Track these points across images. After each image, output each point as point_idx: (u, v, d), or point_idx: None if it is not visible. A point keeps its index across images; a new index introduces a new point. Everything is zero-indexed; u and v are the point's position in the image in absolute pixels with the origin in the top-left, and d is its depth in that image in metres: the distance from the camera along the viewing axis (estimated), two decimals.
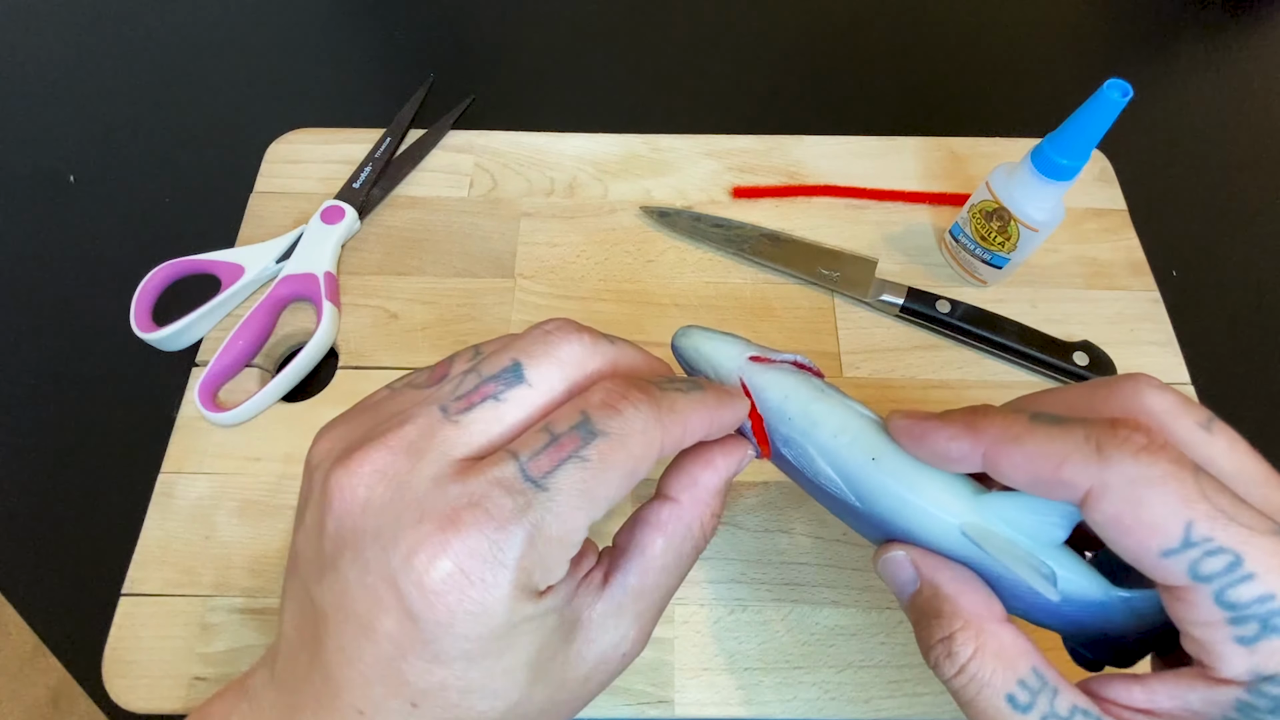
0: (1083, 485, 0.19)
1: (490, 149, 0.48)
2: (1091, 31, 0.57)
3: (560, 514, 0.19)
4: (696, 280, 0.43)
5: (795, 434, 0.24)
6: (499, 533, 0.18)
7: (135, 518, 0.36)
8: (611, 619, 0.22)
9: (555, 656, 0.21)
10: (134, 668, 0.33)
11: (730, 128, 0.49)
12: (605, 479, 0.19)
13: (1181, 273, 0.45)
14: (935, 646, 0.21)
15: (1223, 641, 0.18)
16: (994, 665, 0.20)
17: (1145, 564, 0.18)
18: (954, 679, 0.21)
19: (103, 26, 0.56)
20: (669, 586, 0.23)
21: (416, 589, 0.18)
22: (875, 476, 0.23)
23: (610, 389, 0.20)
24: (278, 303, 0.41)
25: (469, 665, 0.19)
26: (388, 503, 0.19)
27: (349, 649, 0.19)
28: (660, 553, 0.23)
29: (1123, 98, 0.32)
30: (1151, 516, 0.18)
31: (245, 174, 0.47)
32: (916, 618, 0.23)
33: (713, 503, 0.24)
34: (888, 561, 0.23)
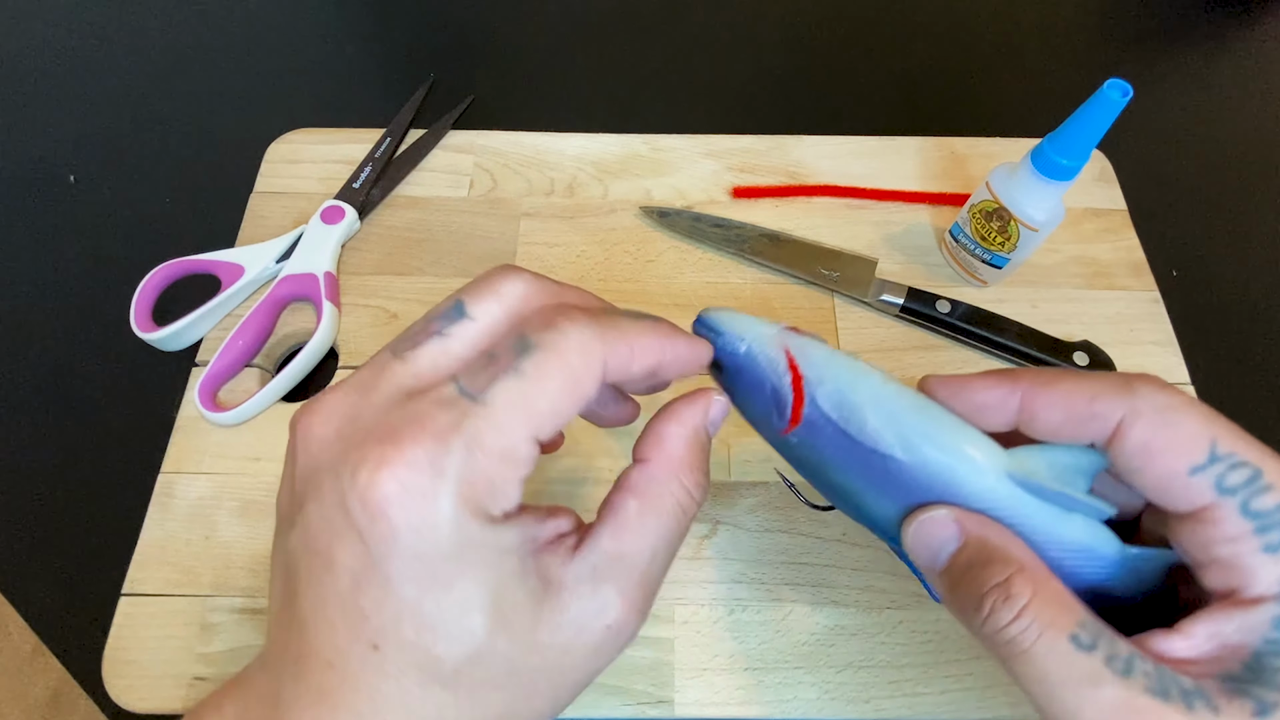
0: (1114, 415, 0.20)
1: (490, 149, 0.48)
2: (1091, 31, 0.57)
3: (498, 424, 0.19)
4: (696, 280, 0.43)
5: (843, 385, 0.24)
6: (436, 443, 0.18)
7: (135, 518, 0.36)
8: (587, 584, 0.21)
9: (520, 608, 0.20)
10: (134, 668, 0.33)
11: (730, 128, 0.49)
12: (542, 389, 0.19)
13: (1181, 273, 0.45)
14: (990, 593, 0.20)
15: (1251, 553, 0.19)
16: (1052, 608, 0.20)
17: (1174, 487, 0.20)
18: (1011, 625, 0.20)
19: (103, 26, 0.56)
20: (653, 552, 0.22)
21: (361, 506, 0.18)
22: (928, 423, 0.23)
23: (548, 309, 0.21)
24: (278, 303, 0.41)
25: (420, 591, 0.18)
26: (341, 435, 0.20)
27: (315, 590, 0.19)
28: (635, 514, 0.22)
29: (1123, 98, 0.32)
30: (1180, 436, 0.20)
31: (245, 174, 0.47)
32: (958, 576, 0.21)
33: (686, 457, 0.23)
34: (926, 522, 0.22)
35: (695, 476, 0.23)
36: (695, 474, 0.23)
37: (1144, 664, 0.19)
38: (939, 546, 0.22)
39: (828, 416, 0.24)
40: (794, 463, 0.27)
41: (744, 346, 0.26)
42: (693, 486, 0.23)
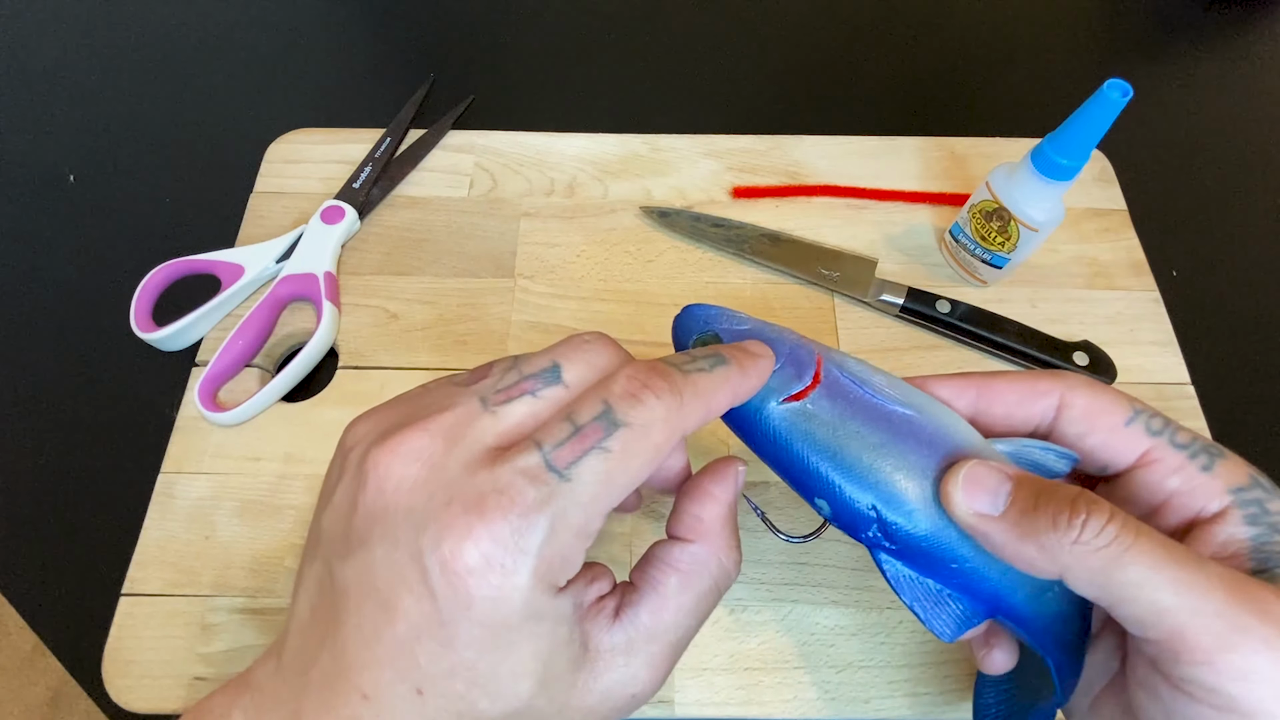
0: (1055, 393, 0.25)
1: (490, 149, 0.48)
2: (1091, 31, 0.57)
3: (582, 503, 0.19)
4: (696, 280, 0.43)
5: (851, 358, 0.26)
6: (523, 520, 0.19)
7: (135, 518, 0.36)
8: (621, 654, 0.21)
9: (563, 674, 0.20)
10: (134, 668, 0.33)
11: (730, 128, 0.49)
12: (627, 468, 0.20)
13: (1181, 273, 0.45)
14: (1077, 507, 0.21)
15: (1195, 475, 0.23)
16: (1124, 514, 0.21)
17: (1117, 439, 0.24)
18: (1109, 525, 0.20)
19: (103, 26, 0.56)
20: (686, 628, 0.23)
21: (440, 569, 0.18)
22: (920, 392, 0.26)
23: (632, 376, 0.21)
24: (278, 303, 0.41)
25: (479, 654, 0.19)
26: (422, 483, 0.19)
27: (367, 627, 0.19)
28: (675, 591, 0.22)
29: (1123, 98, 0.32)
30: (1109, 400, 0.25)
31: (245, 174, 0.47)
32: (1028, 507, 0.22)
33: (728, 537, 0.24)
34: (976, 468, 0.23)
35: (735, 555, 0.24)
36: (735, 552, 0.24)
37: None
38: (995, 487, 0.22)
39: (849, 377, 0.25)
40: (785, 445, 0.25)
41: (748, 323, 0.26)
42: (731, 566, 0.24)
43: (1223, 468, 0.23)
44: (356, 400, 0.39)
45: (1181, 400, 0.40)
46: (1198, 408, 0.40)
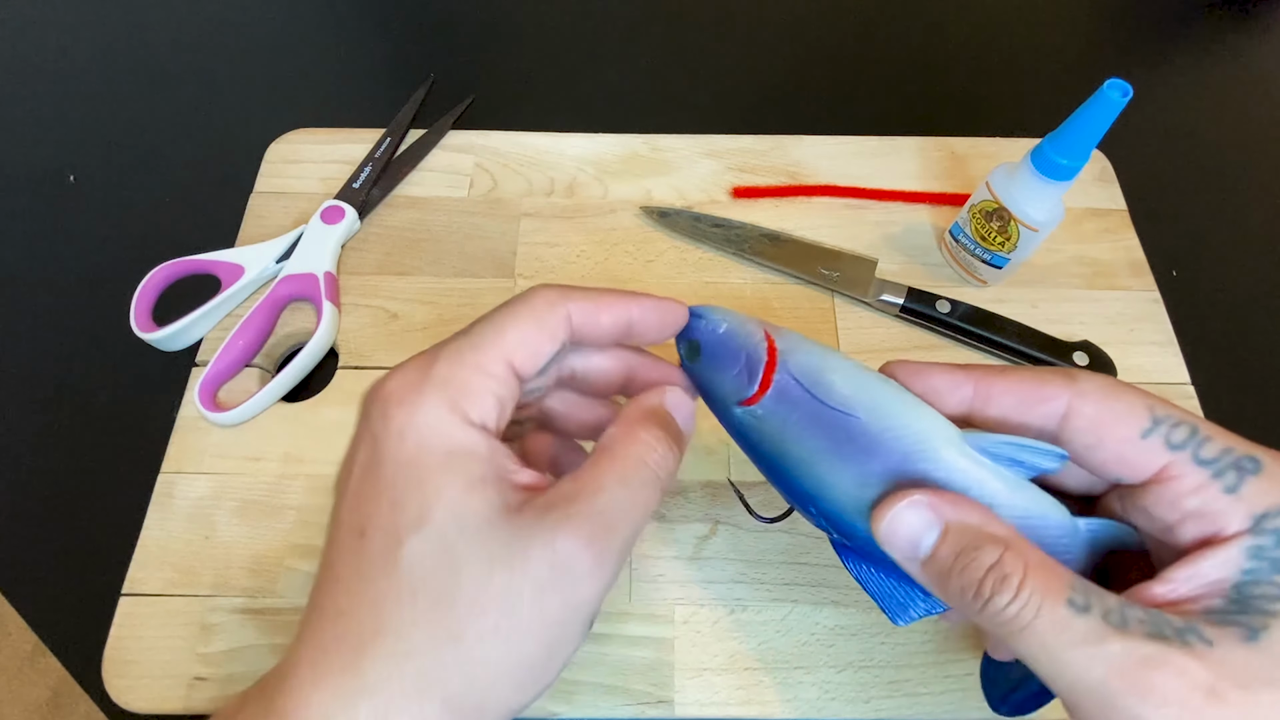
0: (1063, 396, 0.23)
1: (490, 149, 0.48)
2: (1091, 31, 0.57)
3: (474, 344, 0.23)
4: (696, 280, 0.43)
5: (815, 357, 0.25)
6: (427, 358, 0.23)
7: (135, 518, 0.36)
8: (538, 511, 0.22)
9: (476, 514, 0.21)
10: (134, 668, 0.33)
11: (730, 128, 0.49)
12: (511, 323, 0.24)
13: (1181, 273, 0.45)
14: (986, 578, 0.20)
15: (1216, 497, 0.21)
16: (1045, 576, 0.20)
17: (1131, 453, 0.22)
18: (1011, 604, 0.20)
19: (103, 26, 0.56)
20: (610, 496, 0.22)
21: (375, 405, 0.23)
22: (889, 390, 0.24)
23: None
24: (278, 303, 0.41)
25: (395, 471, 0.22)
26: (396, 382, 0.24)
27: (335, 513, 0.23)
28: (591, 462, 0.23)
29: (1123, 98, 0.32)
30: (1124, 407, 0.22)
31: (245, 174, 0.47)
32: (945, 565, 0.21)
33: (642, 418, 0.24)
34: (902, 511, 0.22)
35: (653, 431, 0.24)
36: (652, 429, 0.24)
37: (1134, 611, 0.20)
38: (918, 536, 0.22)
39: (798, 381, 0.25)
40: (752, 444, 0.27)
41: (724, 326, 0.27)
42: (652, 440, 0.24)
43: (1253, 487, 0.20)
44: (356, 400, 0.39)
45: (1181, 400, 0.40)
46: (1198, 408, 0.40)
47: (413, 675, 0.21)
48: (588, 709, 0.33)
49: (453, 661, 0.21)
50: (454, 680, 0.21)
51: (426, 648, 0.21)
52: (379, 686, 0.20)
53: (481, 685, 0.21)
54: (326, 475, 0.37)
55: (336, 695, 0.21)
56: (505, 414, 0.24)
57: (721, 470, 0.38)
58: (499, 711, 0.21)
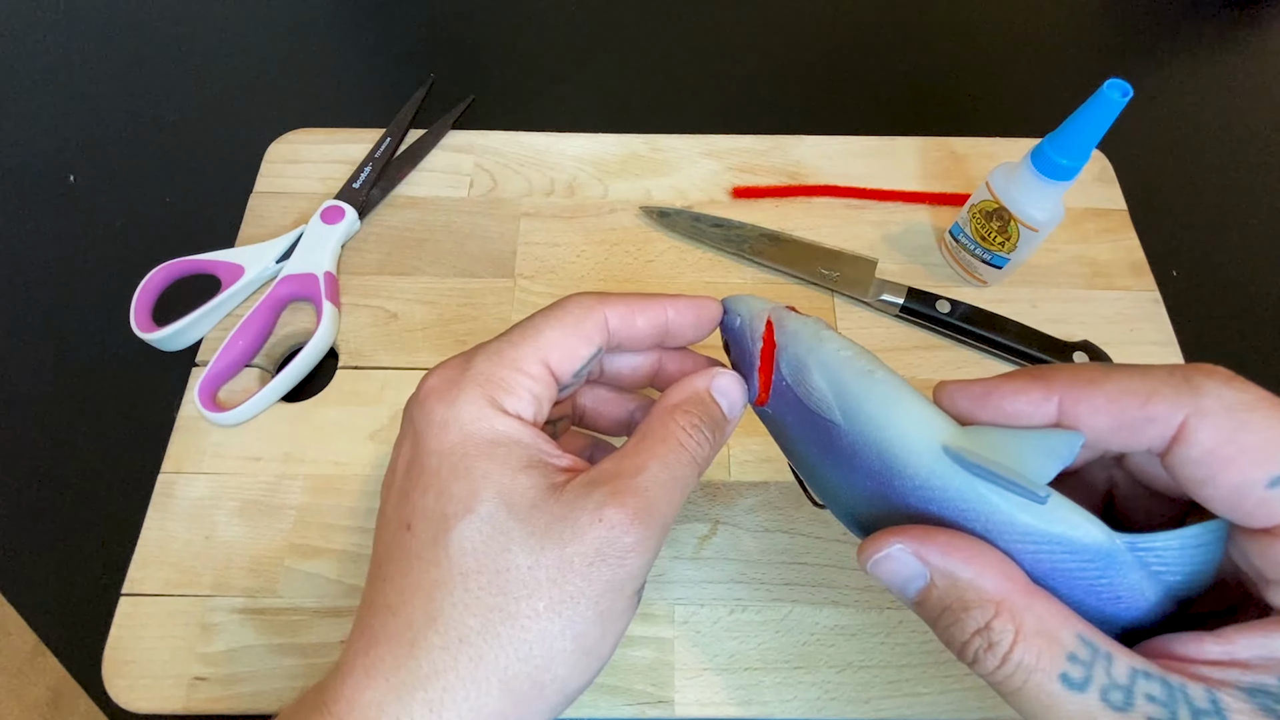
0: (1174, 418, 0.18)
1: (490, 149, 0.48)
2: (1091, 31, 0.57)
3: (512, 343, 0.24)
4: (696, 280, 0.43)
5: (801, 350, 0.24)
6: (464, 358, 0.24)
7: (135, 518, 0.36)
8: (583, 487, 0.22)
9: (523, 495, 0.22)
10: (134, 668, 0.33)
11: (730, 128, 0.49)
12: (548, 325, 0.24)
13: (1181, 273, 0.45)
14: (972, 641, 0.19)
15: None
16: (1038, 645, 0.18)
17: (1248, 501, 0.18)
18: (998, 670, 0.18)
19: (103, 26, 0.56)
20: (650, 473, 0.23)
21: (416, 405, 0.24)
22: (866, 388, 0.22)
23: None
24: (278, 303, 0.41)
25: (440, 463, 0.22)
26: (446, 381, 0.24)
27: (383, 509, 0.24)
28: (632, 443, 0.24)
29: (1123, 98, 0.32)
30: (1256, 440, 0.17)
31: (245, 174, 0.47)
32: (934, 614, 0.20)
33: (680, 403, 0.25)
34: (884, 560, 0.20)
35: (691, 416, 0.24)
36: (691, 414, 0.24)
37: (1149, 684, 0.17)
38: (904, 582, 0.20)
39: (787, 382, 0.24)
40: (777, 441, 0.27)
41: (739, 320, 0.27)
42: (689, 424, 0.24)
43: None
44: (356, 400, 0.39)
45: None
46: None
47: (468, 661, 0.21)
48: (588, 709, 0.33)
49: (509, 642, 0.21)
50: (510, 662, 0.21)
51: (481, 632, 0.21)
52: (433, 677, 0.21)
53: (538, 665, 0.21)
54: (326, 475, 0.37)
55: (390, 690, 0.21)
56: (542, 412, 0.24)
57: (722, 470, 0.38)
58: (557, 693, 0.22)
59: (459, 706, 0.20)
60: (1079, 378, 0.19)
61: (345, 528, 0.36)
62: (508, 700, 0.21)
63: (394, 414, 0.39)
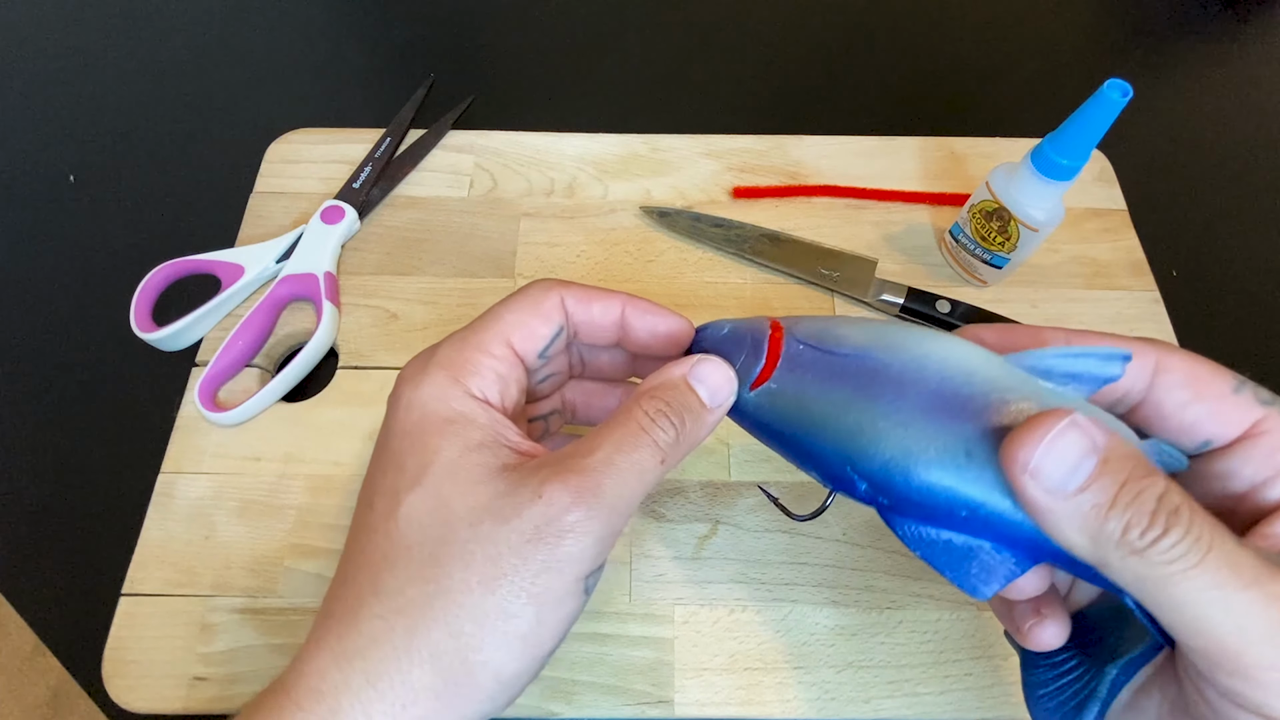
0: (1152, 354, 0.22)
1: (490, 149, 0.48)
2: (1091, 31, 0.57)
3: (475, 329, 0.25)
4: (696, 280, 0.43)
5: (818, 321, 0.25)
6: (433, 345, 0.25)
7: (135, 518, 0.36)
8: (532, 469, 0.22)
9: (472, 472, 0.22)
10: (134, 668, 0.33)
11: (730, 128, 0.49)
12: (509, 309, 0.26)
13: (1181, 273, 0.45)
14: (1159, 509, 0.18)
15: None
16: (1205, 512, 0.19)
17: (1225, 408, 0.22)
18: (1183, 540, 0.18)
19: (103, 27, 0.56)
20: (606, 457, 0.22)
21: (392, 392, 0.25)
22: (904, 330, 0.23)
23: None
24: (278, 303, 0.41)
25: (401, 439, 0.23)
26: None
27: (361, 493, 0.25)
28: (595, 431, 0.23)
29: (1123, 98, 0.32)
30: (1210, 366, 0.22)
31: (245, 174, 0.47)
32: (1107, 497, 0.19)
33: (649, 390, 0.24)
34: (1063, 434, 0.19)
35: (656, 402, 0.24)
36: (657, 400, 0.24)
37: (1257, 542, 0.20)
38: (1074, 463, 0.19)
39: (807, 344, 0.24)
40: (770, 427, 0.25)
41: (728, 327, 0.27)
42: (651, 409, 0.23)
43: None
44: (356, 400, 0.39)
45: None
46: None
47: (403, 632, 0.21)
48: (588, 709, 0.33)
49: (441, 616, 0.21)
50: (442, 637, 0.21)
51: (417, 603, 0.21)
52: (371, 647, 0.21)
53: (468, 643, 0.21)
54: (326, 475, 0.37)
55: (332, 659, 0.21)
56: (510, 391, 0.25)
57: (722, 470, 0.38)
58: (490, 678, 0.21)
59: (391, 678, 0.21)
60: (1075, 331, 0.24)
61: (345, 528, 0.36)
62: (438, 677, 0.21)
63: None
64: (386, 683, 0.21)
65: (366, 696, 0.21)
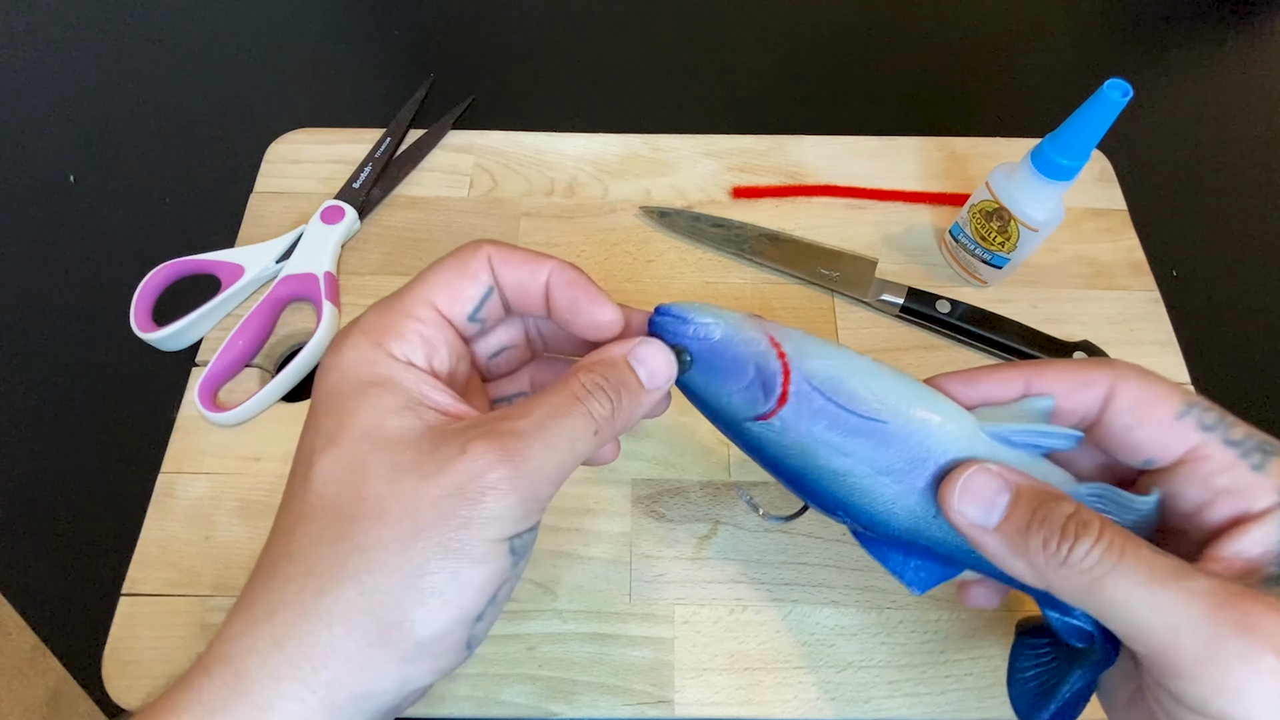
0: (1105, 381, 0.24)
1: (490, 149, 0.48)
2: (1091, 31, 0.57)
3: (401, 293, 0.25)
4: (696, 280, 0.43)
5: (829, 360, 0.25)
6: (361, 315, 0.25)
7: (135, 518, 0.36)
8: (457, 430, 0.22)
9: (396, 431, 0.22)
10: (134, 668, 0.33)
11: (730, 128, 0.49)
12: (435, 271, 0.25)
13: (1181, 273, 0.45)
14: (1068, 524, 0.21)
15: (1245, 474, 0.22)
16: (1118, 527, 0.22)
17: (1167, 434, 0.24)
18: (1095, 548, 0.21)
19: (103, 26, 0.56)
20: (535, 423, 0.22)
21: (321, 363, 0.24)
22: (908, 387, 0.25)
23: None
24: (278, 303, 0.41)
25: (325, 398, 0.23)
26: None
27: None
28: (527, 399, 0.24)
29: (1123, 98, 0.32)
30: (1161, 391, 0.24)
31: (245, 174, 0.47)
32: (1022, 521, 0.22)
33: (587, 362, 0.24)
34: (974, 477, 0.23)
35: (594, 376, 0.24)
36: (595, 374, 0.24)
37: (1208, 565, 0.21)
38: (991, 499, 0.23)
39: (818, 390, 0.25)
40: (770, 457, 0.26)
41: (719, 331, 0.25)
42: (587, 381, 0.23)
43: (1278, 466, 0.23)
44: None
45: None
46: None
47: (312, 593, 0.20)
48: (588, 709, 0.33)
49: (353, 575, 0.20)
50: (353, 596, 0.20)
51: (329, 563, 0.21)
52: (279, 610, 0.20)
53: (382, 601, 0.20)
54: None
55: (244, 623, 0.21)
56: (440, 354, 0.25)
57: (722, 471, 0.38)
58: (405, 637, 0.21)
59: (300, 640, 0.20)
60: (1037, 365, 0.26)
61: None
62: (349, 638, 0.20)
63: None
64: (295, 645, 0.20)
65: (274, 660, 0.20)
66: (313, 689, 0.20)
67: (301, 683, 0.20)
